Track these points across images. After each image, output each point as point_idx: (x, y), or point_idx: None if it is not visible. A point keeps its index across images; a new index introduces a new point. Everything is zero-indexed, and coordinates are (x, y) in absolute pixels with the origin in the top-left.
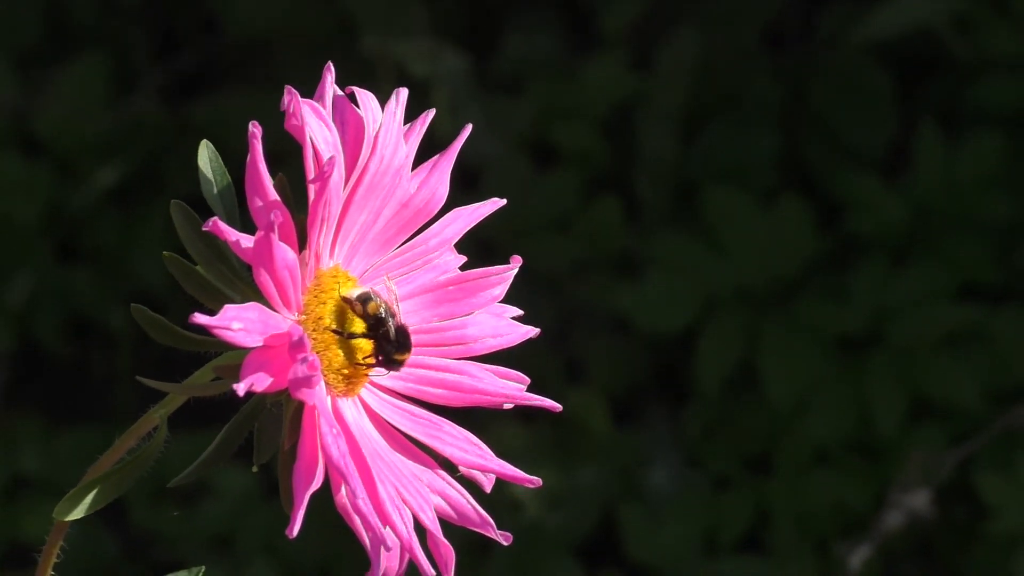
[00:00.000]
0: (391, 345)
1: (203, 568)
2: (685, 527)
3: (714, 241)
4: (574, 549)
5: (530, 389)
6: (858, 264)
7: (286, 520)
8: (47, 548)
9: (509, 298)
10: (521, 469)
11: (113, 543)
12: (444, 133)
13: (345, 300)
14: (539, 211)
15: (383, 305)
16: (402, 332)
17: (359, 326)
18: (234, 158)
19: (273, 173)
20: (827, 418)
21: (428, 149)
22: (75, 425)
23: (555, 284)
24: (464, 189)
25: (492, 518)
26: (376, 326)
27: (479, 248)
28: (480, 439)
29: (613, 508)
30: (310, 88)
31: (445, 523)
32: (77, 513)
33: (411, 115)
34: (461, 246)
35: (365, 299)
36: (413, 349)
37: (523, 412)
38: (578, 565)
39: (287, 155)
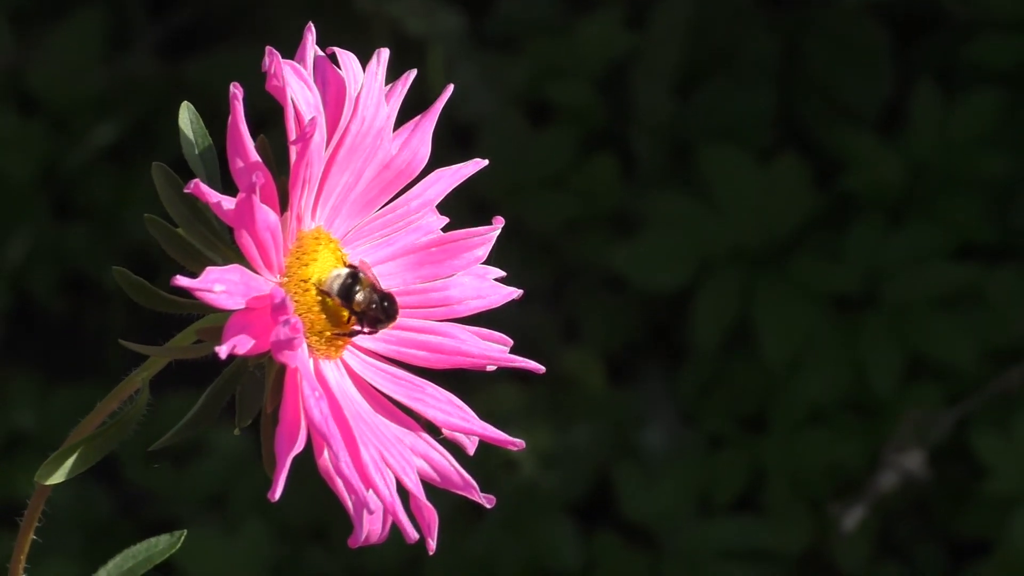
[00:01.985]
0: (378, 320)
1: (184, 532)
2: (680, 486)
3: (709, 199)
4: (568, 508)
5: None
6: (854, 223)
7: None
8: (29, 511)
9: (504, 256)
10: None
11: (106, 501)
12: (440, 91)
13: (323, 293)
14: (534, 169)
15: (365, 291)
16: (389, 304)
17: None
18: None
19: (264, 131)
20: (822, 377)
21: (420, 108)
22: (70, 382)
23: (550, 242)
24: (459, 147)
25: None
26: (363, 312)
27: (473, 207)
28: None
29: (608, 467)
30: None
31: (430, 486)
32: (58, 477)
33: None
34: (456, 206)
35: (346, 292)
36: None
37: (518, 372)
38: (572, 524)
39: (277, 113)
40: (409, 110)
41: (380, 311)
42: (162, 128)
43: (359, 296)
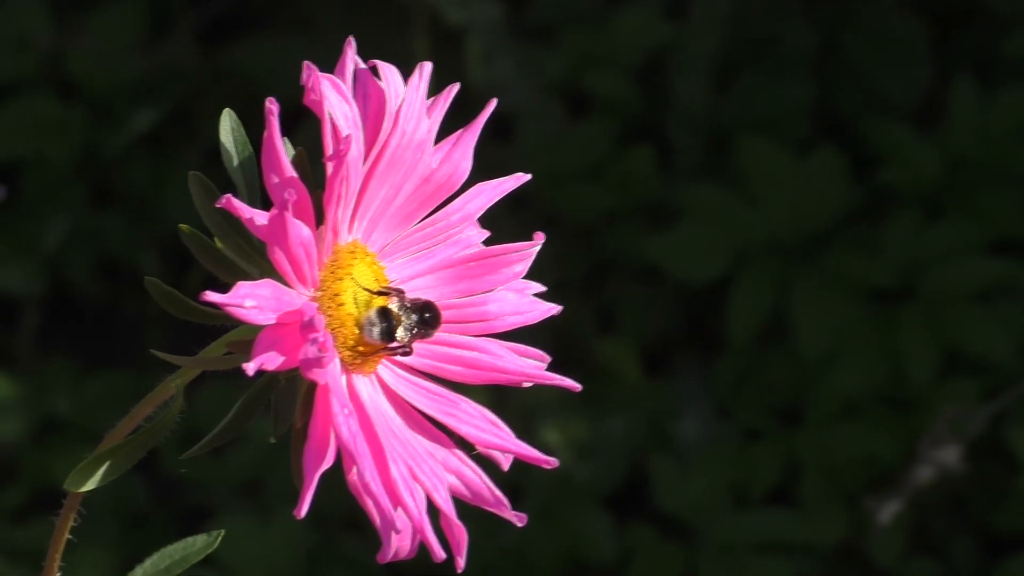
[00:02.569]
0: (423, 336)
1: (221, 532)
2: (715, 478)
3: (746, 191)
4: (603, 500)
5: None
6: (891, 216)
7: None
8: (64, 511)
9: (541, 248)
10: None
11: (142, 490)
12: (478, 81)
13: (362, 327)
14: (571, 160)
15: (403, 320)
16: (431, 316)
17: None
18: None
19: (304, 125)
20: (858, 370)
21: (460, 98)
22: (106, 369)
23: (586, 234)
24: (497, 138)
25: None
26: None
27: (510, 199)
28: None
29: (643, 459)
30: (343, 33)
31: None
32: (90, 484)
33: (443, 64)
34: None
35: (388, 334)
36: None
37: (555, 362)
38: (607, 516)
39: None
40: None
41: (421, 328)
42: (201, 115)
43: (399, 332)
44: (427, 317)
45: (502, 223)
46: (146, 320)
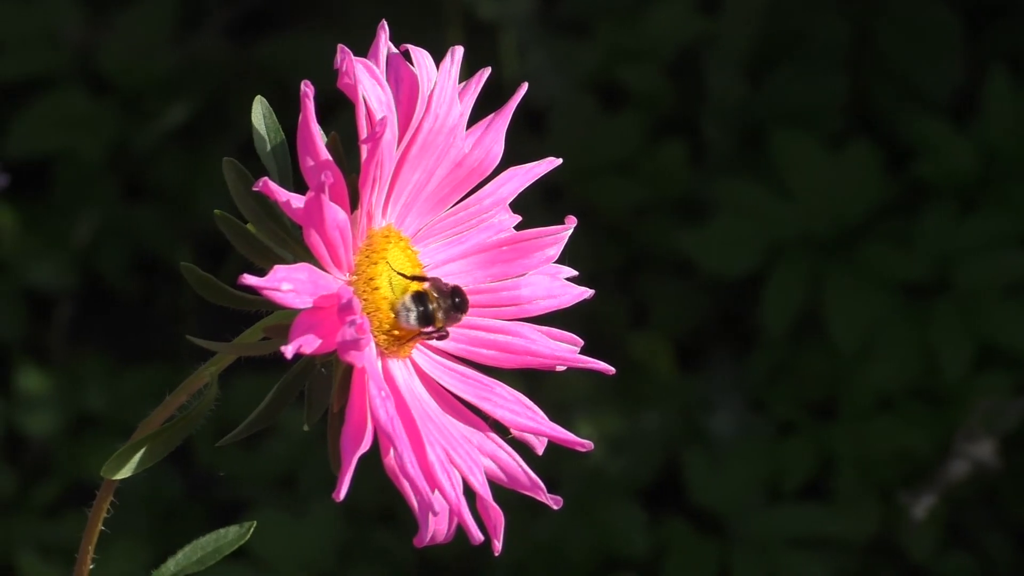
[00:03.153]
0: (455, 321)
1: (253, 524)
2: (748, 472)
3: (780, 185)
4: (636, 493)
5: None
6: (925, 209)
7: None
8: (97, 503)
9: (573, 240)
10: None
11: (176, 482)
12: (511, 74)
13: (397, 312)
14: (604, 153)
15: (440, 305)
16: (460, 300)
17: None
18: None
19: (338, 114)
20: (892, 364)
21: (493, 93)
22: (140, 363)
23: (619, 227)
24: (530, 131)
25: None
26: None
27: (543, 191)
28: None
29: (676, 452)
30: (375, 27)
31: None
32: (125, 472)
33: (476, 57)
34: (527, 190)
35: (425, 319)
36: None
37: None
38: (640, 510)
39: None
40: (481, 94)
41: (452, 313)
42: (233, 109)
43: (439, 315)
44: (456, 302)
45: (536, 216)
46: (180, 314)
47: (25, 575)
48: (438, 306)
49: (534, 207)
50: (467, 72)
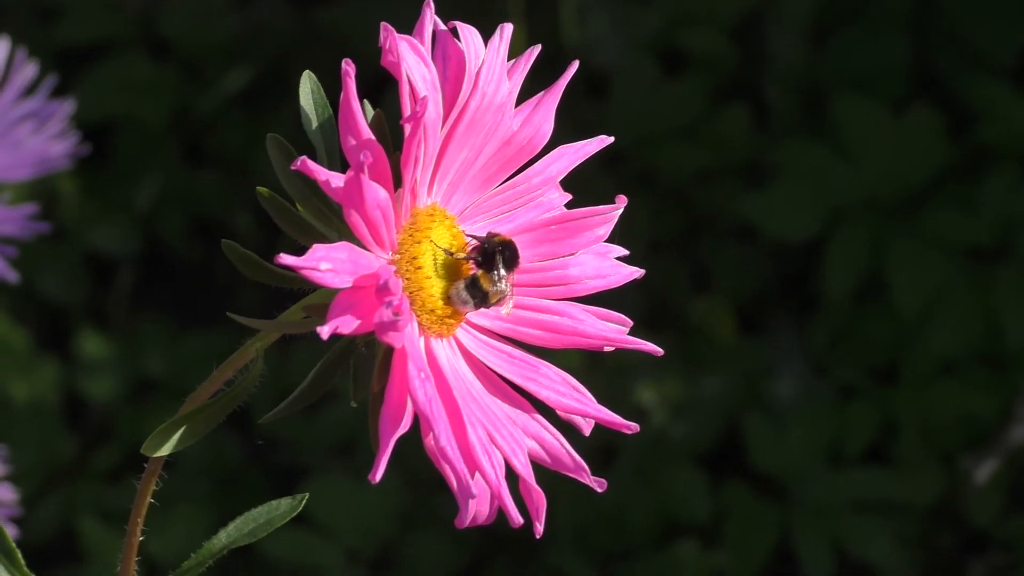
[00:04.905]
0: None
1: (306, 496)
2: (810, 437)
3: (842, 149)
4: (698, 459)
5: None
6: (988, 174)
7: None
8: (146, 476)
9: (635, 206)
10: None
11: (235, 449)
12: (571, 40)
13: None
14: (666, 119)
15: (497, 278)
16: (510, 254)
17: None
18: (360, 64)
19: (389, 88)
20: (954, 329)
21: (552, 58)
22: (200, 328)
23: (681, 192)
24: (591, 97)
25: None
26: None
27: (604, 157)
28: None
29: (738, 417)
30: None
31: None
32: (166, 449)
33: (536, 23)
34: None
35: (483, 299)
36: (513, 289)
37: (649, 321)
38: (702, 475)
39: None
40: (538, 60)
41: (508, 273)
42: (293, 75)
43: (493, 289)
44: (507, 257)
45: (596, 182)
46: (240, 280)
47: (86, 540)
48: (491, 285)
49: (594, 174)
50: (529, 40)
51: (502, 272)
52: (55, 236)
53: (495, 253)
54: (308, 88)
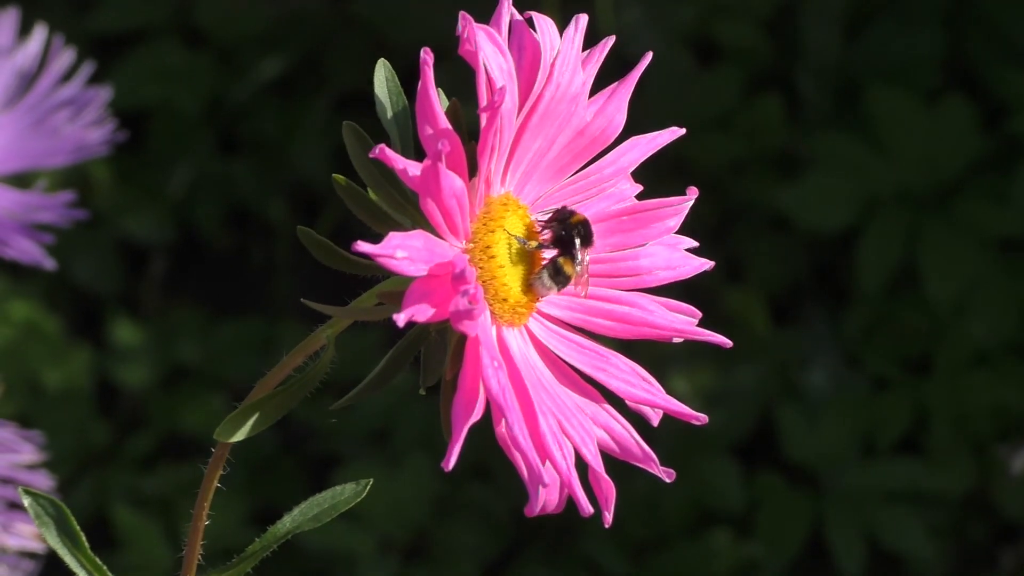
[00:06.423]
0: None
1: (371, 481)
2: (843, 428)
3: (876, 140)
4: (732, 449)
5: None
6: (1020, 166)
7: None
8: (213, 461)
9: (668, 195)
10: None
11: (270, 437)
12: (607, 30)
13: (536, 290)
14: (700, 109)
15: (578, 259)
16: (586, 234)
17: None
18: (394, 54)
19: (438, 69)
20: (988, 319)
21: (589, 42)
22: (234, 316)
23: (714, 182)
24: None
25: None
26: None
27: None
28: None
29: (771, 408)
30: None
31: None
32: (240, 435)
33: (570, 12)
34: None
35: (565, 282)
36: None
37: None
38: (736, 465)
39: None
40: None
41: (585, 250)
42: (329, 63)
43: (572, 270)
44: (583, 236)
45: (633, 173)
46: (274, 268)
47: (119, 526)
48: (570, 267)
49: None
50: (562, 29)
51: (581, 255)
52: (89, 223)
53: (572, 236)
54: (383, 76)
